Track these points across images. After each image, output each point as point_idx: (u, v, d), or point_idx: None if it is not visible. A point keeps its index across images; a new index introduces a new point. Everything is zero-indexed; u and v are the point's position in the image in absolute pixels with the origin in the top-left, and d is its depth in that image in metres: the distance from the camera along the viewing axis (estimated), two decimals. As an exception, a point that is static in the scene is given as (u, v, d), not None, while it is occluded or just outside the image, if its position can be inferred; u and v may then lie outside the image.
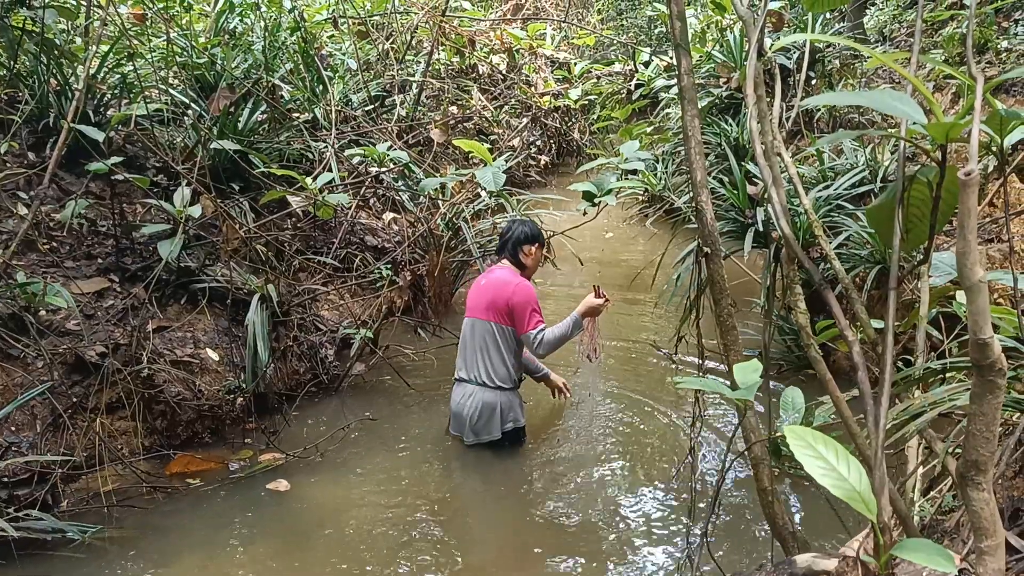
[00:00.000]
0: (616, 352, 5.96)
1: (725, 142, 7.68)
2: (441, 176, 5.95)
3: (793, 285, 2.28)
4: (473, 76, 10.76)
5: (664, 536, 3.80)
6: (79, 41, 5.75)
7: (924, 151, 1.58)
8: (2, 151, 4.54)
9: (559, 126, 12.08)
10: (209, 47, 6.33)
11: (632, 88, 11.58)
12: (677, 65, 2.70)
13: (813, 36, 1.59)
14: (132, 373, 4.15)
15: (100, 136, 4.26)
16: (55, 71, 5.09)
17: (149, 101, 5.58)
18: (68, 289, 4.19)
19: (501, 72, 11.34)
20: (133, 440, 4.25)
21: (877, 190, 5.71)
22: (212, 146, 5.20)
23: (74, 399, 4.02)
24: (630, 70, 11.98)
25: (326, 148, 6.26)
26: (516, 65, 11.38)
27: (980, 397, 1.35)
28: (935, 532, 2.30)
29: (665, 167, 8.75)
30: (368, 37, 8.71)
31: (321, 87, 7.12)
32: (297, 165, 6.22)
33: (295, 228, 5.90)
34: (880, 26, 9.08)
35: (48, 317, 4.20)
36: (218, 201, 4.92)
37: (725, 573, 3.03)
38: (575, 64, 12.53)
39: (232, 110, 5.69)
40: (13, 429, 3.79)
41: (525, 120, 11.13)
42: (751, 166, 6.01)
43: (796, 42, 7.29)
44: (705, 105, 8.38)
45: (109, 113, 5.36)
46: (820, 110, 7.61)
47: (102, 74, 5.36)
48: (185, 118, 5.69)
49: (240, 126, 5.71)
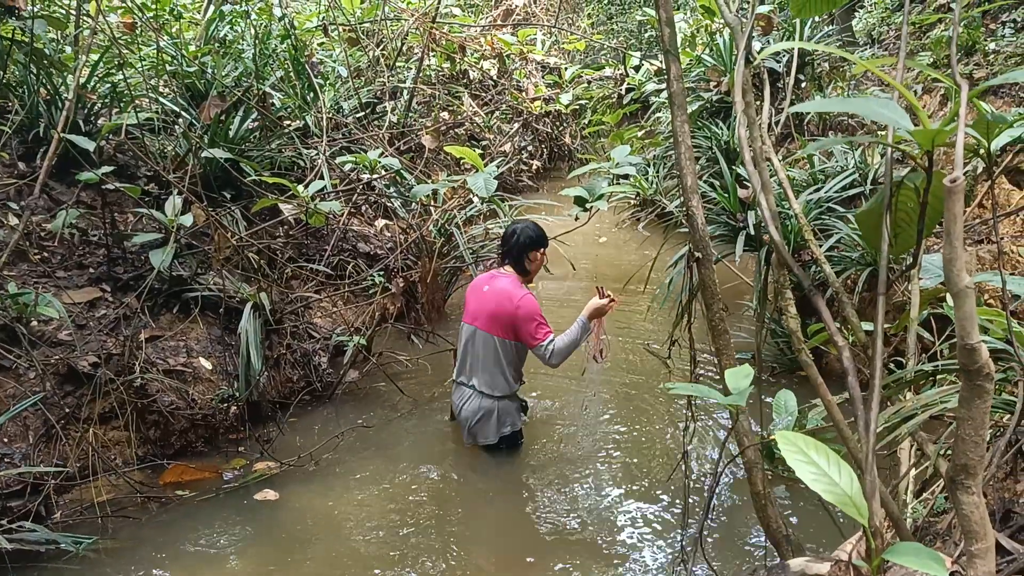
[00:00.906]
0: (612, 355, 5.95)
1: (715, 145, 7.70)
2: (433, 182, 5.96)
3: (784, 290, 2.29)
4: (464, 82, 10.77)
5: (659, 539, 3.81)
6: (69, 50, 5.74)
7: (911, 157, 1.59)
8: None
9: (550, 131, 12.12)
10: (199, 55, 6.33)
11: (623, 92, 11.60)
12: (667, 71, 2.71)
13: (801, 44, 1.60)
14: (125, 383, 4.14)
15: (90, 145, 4.25)
16: (45, 81, 5.08)
17: (139, 110, 5.58)
18: (60, 299, 4.18)
19: (492, 78, 11.35)
20: (126, 450, 4.24)
21: (867, 193, 5.74)
22: (203, 154, 5.20)
23: (67, 410, 4.00)
24: (620, 74, 12.01)
25: (317, 155, 6.26)
26: (507, 70, 11.40)
27: (968, 401, 1.36)
28: (928, 534, 2.32)
29: (656, 171, 8.77)
30: (358, 44, 8.71)
31: (312, 94, 7.12)
32: (289, 173, 6.22)
33: (287, 236, 5.89)
34: (868, 28, 9.13)
35: (40, 328, 4.19)
36: (209, 210, 4.92)
37: (720, 577, 3.04)
38: (566, 69, 12.56)
39: (223, 118, 5.68)
40: (6, 440, 3.78)
41: (516, 125, 11.15)
42: (741, 170, 6.03)
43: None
44: (695, 109, 8.40)
45: (99, 122, 5.36)
46: (810, 113, 7.63)
47: (92, 83, 5.35)
48: (176, 127, 5.68)
49: (231, 134, 5.71)
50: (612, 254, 8.81)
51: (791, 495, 4.07)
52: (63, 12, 5.60)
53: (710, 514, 3.90)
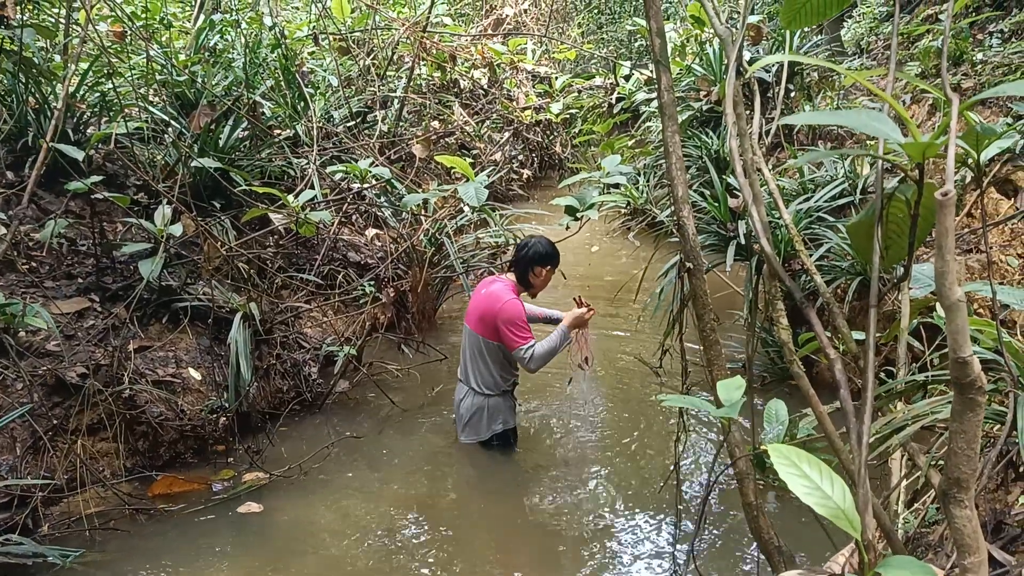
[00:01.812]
0: (603, 364, 5.96)
1: (706, 155, 7.73)
2: (423, 192, 5.95)
3: (775, 300, 2.29)
4: (455, 91, 10.78)
5: (652, 549, 3.80)
6: (58, 59, 5.72)
7: (902, 168, 1.59)
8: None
9: (541, 140, 12.14)
10: (189, 64, 6.31)
11: (613, 102, 11.64)
12: (657, 81, 2.71)
13: (791, 56, 1.61)
14: (113, 394, 4.11)
15: (80, 155, 4.23)
16: (33, 90, 5.05)
17: (129, 119, 5.55)
18: (48, 309, 4.15)
19: (482, 87, 11.37)
20: (115, 462, 4.20)
21: (857, 202, 5.76)
22: (193, 164, 5.18)
23: (54, 421, 3.97)
24: (611, 84, 12.05)
25: (308, 165, 6.25)
26: (497, 80, 11.41)
27: (960, 415, 1.36)
28: (919, 545, 2.31)
29: (647, 180, 8.79)
30: (349, 53, 8.71)
31: (302, 104, 7.11)
32: (279, 182, 6.20)
33: (277, 245, 5.87)
34: (857, 38, 9.19)
35: (28, 338, 4.16)
36: (199, 219, 4.90)
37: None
38: (556, 78, 12.59)
39: (213, 127, 5.66)
40: (-8, 453, 3.75)
41: (507, 134, 11.16)
42: (732, 179, 6.04)
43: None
44: (685, 118, 8.43)
45: (89, 131, 5.33)
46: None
47: (81, 92, 5.33)
48: (166, 136, 5.66)
49: (221, 143, 5.69)
50: (604, 263, 8.82)
51: (781, 504, 4.07)
52: (52, 21, 5.58)
53: (703, 524, 3.89)
